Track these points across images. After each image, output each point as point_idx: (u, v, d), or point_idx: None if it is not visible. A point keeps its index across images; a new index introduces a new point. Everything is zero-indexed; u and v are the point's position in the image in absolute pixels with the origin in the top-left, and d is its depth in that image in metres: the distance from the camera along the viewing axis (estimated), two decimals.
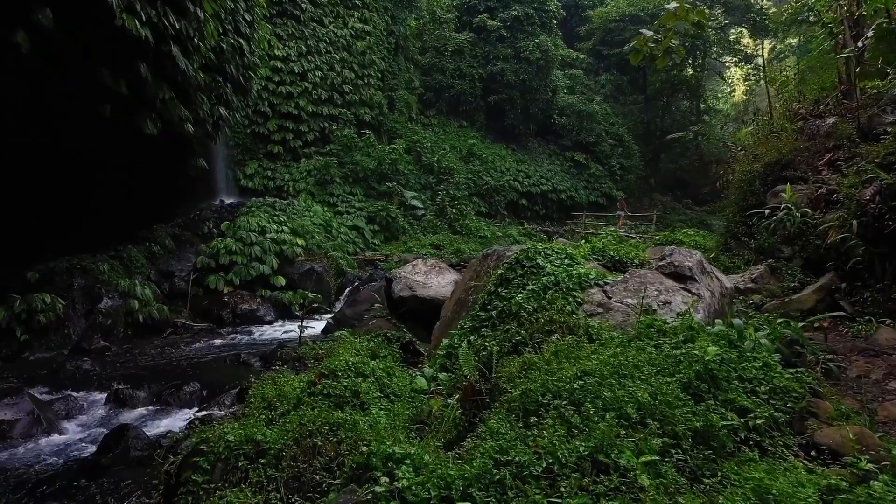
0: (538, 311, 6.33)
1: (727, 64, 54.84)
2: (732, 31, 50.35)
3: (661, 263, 6.83)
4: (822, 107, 12.40)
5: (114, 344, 12.47)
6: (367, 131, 27.64)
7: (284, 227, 18.26)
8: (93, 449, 7.02)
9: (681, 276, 6.60)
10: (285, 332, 14.77)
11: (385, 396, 6.75)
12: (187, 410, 8.52)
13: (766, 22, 43.82)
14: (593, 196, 37.01)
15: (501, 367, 5.67)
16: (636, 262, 8.13)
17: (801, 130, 11.58)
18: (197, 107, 15.46)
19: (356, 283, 17.97)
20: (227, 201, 23.44)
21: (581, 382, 4.51)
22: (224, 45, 15.85)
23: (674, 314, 6.08)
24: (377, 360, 7.52)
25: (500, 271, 7.43)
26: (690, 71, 47.72)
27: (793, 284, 8.38)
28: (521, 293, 6.70)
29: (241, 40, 17.00)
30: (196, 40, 13.44)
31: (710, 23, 45.32)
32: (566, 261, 7.04)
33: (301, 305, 16.24)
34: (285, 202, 22.31)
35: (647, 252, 9.07)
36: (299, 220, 19.52)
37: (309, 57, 26.62)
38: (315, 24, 27.18)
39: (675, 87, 46.98)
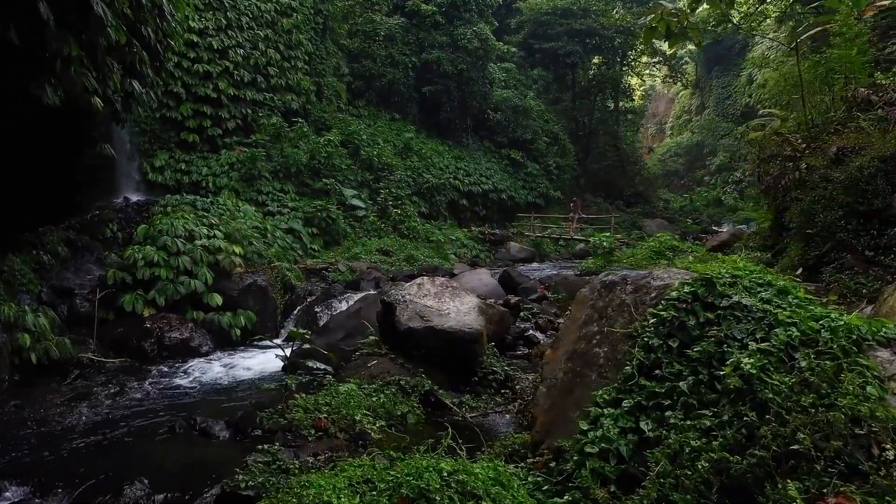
0: (800, 389, 3.78)
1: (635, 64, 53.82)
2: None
3: None
4: (885, 94, 10.68)
5: None
6: (300, 120, 24.21)
7: (216, 232, 14.77)
8: None
9: None
10: (230, 368, 11.48)
11: None
12: None
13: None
14: (531, 196, 35.13)
15: None
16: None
17: (885, 119, 9.77)
18: (106, 76, 11.88)
19: (308, 301, 14.79)
20: (133, 198, 19.48)
21: None
22: (143, 0, 12.33)
23: None
24: (481, 464, 4.69)
25: (660, 313, 4.81)
26: (615, 69, 47.08)
27: None
28: (744, 354, 4.12)
29: None
30: None
31: (627, 23, 44.75)
32: (790, 299, 4.52)
33: (247, 331, 12.99)
34: (208, 200, 18.67)
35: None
36: (231, 222, 16.03)
37: (229, 32, 22.87)
38: None
39: (602, 85, 46.17)
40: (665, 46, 54.78)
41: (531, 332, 11.32)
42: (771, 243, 13.37)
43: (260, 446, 6.45)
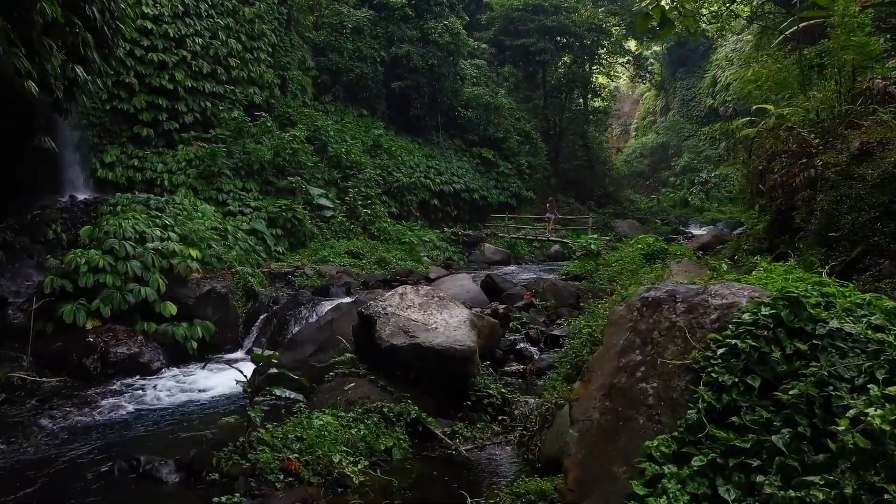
0: None
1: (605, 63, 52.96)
2: (615, 28, 48.62)
3: None
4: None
5: None
6: (264, 114, 22.79)
7: (171, 234, 13.42)
8: None
9: None
10: (184, 389, 10.21)
11: None
12: None
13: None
14: (503, 196, 34.19)
15: None
16: None
17: None
18: (42, 58, 10.51)
19: (273, 309, 13.53)
20: (80, 197, 17.87)
21: None
22: None
23: None
24: None
25: (730, 341, 3.80)
26: (586, 68, 46.50)
27: None
28: (861, 400, 3.14)
29: None
30: None
31: (598, 20, 44.14)
32: None
33: (205, 344, 11.67)
34: (163, 199, 17.17)
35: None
36: (188, 223, 14.66)
37: (187, 19, 21.33)
38: None
39: (572, 83, 45.57)
40: (633, 46, 54.66)
41: (522, 344, 10.30)
42: (767, 246, 12.59)
43: (217, 499, 5.29)
